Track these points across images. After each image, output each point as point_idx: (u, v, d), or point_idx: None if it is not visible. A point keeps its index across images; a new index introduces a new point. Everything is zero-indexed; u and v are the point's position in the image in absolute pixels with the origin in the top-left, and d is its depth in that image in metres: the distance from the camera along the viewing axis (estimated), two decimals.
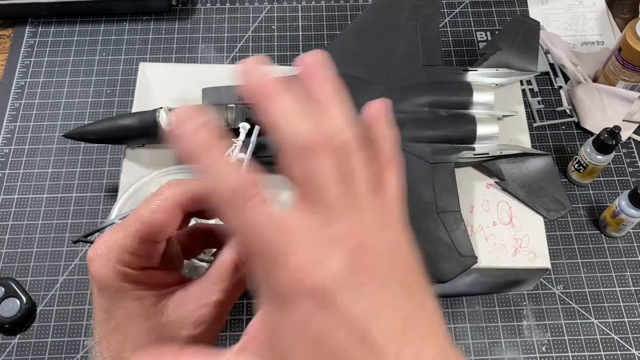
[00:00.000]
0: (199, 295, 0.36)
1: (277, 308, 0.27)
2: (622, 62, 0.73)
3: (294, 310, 0.26)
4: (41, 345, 0.63)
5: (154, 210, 0.34)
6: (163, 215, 0.34)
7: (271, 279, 0.27)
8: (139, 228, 0.34)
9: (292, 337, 0.27)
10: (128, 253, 0.35)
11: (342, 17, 0.86)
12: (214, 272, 0.37)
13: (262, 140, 0.59)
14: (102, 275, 0.35)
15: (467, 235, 0.58)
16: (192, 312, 0.36)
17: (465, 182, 0.62)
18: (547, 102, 0.78)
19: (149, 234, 0.35)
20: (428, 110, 0.62)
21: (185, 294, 0.36)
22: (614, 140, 0.66)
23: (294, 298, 0.26)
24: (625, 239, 0.69)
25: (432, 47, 0.66)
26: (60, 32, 0.84)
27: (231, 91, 0.61)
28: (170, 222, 0.35)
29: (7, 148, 0.75)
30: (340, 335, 0.25)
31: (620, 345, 0.63)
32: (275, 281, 0.26)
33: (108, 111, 0.78)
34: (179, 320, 0.36)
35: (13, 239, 0.69)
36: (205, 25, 0.85)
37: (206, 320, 0.36)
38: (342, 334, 0.25)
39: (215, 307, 0.36)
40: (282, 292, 0.26)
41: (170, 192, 0.35)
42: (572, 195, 0.72)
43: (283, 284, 0.26)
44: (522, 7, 0.86)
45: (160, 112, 0.58)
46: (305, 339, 0.26)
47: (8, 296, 0.64)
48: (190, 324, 0.36)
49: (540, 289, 0.66)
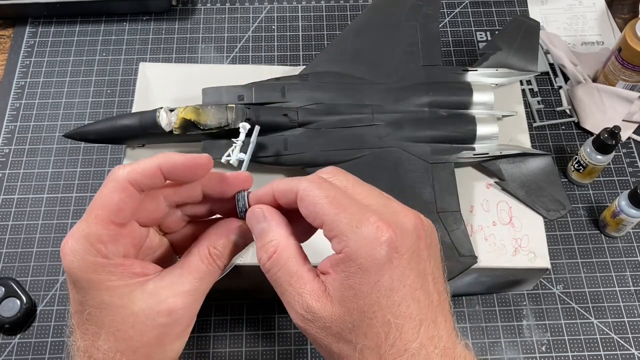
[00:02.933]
0: (172, 284, 0.37)
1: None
2: (622, 62, 0.73)
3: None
4: (41, 345, 0.63)
5: (109, 191, 0.36)
6: (118, 194, 0.36)
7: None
8: (98, 213, 0.36)
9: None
10: (96, 241, 0.35)
11: (342, 17, 0.86)
12: (188, 261, 0.38)
13: (262, 140, 0.59)
14: (73, 267, 0.36)
15: (467, 235, 0.58)
16: (164, 300, 0.37)
17: (465, 182, 0.62)
18: (547, 102, 0.78)
19: (109, 216, 0.36)
20: (428, 110, 0.62)
21: (159, 283, 0.37)
22: (614, 140, 0.66)
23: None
24: (625, 239, 0.69)
25: (432, 47, 0.66)
26: (60, 32, 0.84)
27: (231, 91, 0.61)
28: (127, 201, 0.36)
29: (7, 148, 0.75)
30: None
31: (620, 345, 0.63)
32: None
33: (108, 111, 0.78)
34: (153, 309, 0.36)
35: (13, 239, 0.69)
36: (205, 25, 0.85)
37: (180, 308, 0.37)
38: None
39: (188, 296, 0.37)
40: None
41: (121, 172, 0.36)
42: (572, 195, 0.72)
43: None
44: (522, 7, 0.86)
45: (160, 112, 0.58)
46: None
47: (8, 296, 0.64)
48: (164, 312, 0.36)
49: (540, 289, 0.66)
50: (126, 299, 0.36)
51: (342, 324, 0.34)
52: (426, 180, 0.59)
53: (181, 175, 0.37)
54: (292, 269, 0.36)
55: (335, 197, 0.35)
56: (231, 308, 0.65)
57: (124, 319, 0.36)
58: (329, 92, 0.62)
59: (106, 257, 0.36)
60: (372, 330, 0.34)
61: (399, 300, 0.34)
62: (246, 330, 0.64)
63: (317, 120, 0.60)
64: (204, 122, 0.58)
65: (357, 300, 0.33)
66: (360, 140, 0.59)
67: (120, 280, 0.36)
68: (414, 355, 0.33)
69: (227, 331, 0.64)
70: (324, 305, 0.34)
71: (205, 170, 0.38)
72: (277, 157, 0.59)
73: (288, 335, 0.63)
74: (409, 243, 0.34)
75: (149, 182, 0.36)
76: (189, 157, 0.37)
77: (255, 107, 0.60)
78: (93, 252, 0.35)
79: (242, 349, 0.63)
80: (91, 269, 0.35)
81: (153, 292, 0.37)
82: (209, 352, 0.63)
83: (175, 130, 0.58)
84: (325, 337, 0.35)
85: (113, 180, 0.36)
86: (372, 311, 0.33)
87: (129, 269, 0.36)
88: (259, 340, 0.63)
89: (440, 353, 0.34)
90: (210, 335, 0.64)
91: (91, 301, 0.36)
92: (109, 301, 0.36)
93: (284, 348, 0.63)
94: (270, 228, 0.37)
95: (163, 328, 0.37)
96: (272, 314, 0.64)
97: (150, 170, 0.36)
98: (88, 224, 0.36)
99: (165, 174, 0.36)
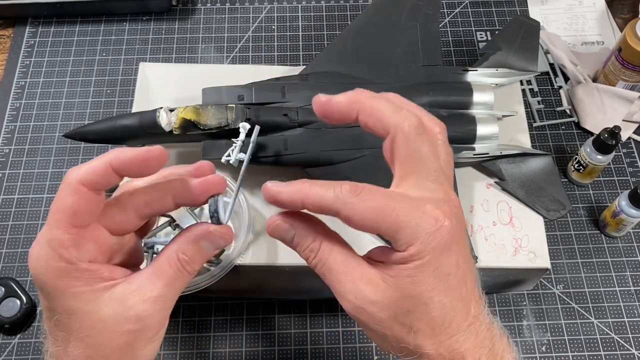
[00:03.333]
0: (140, 289, 0.36)
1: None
2: (622, 62, 0.73)
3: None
4: (41, 345, 0.63)
5: (64, 195, 0.35)
6: (71, 197, 0.35)
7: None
8: (57, 217, 0.35)
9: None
10: (58, 246, 0.35)
11: (342, 17, 0.86)
12: (157, 266, 0.38)
13: (262, 140, 0.59)
14: (38, 274, 0.35)
15: (467, 235, 0.58)
16: (132, 307, 0.36)
17: (465, 182, 0.62)
18: (547, 102, 0.78)
19: (67, 219, 0.35)
20: (428, 110, 0.62)
21: (127, 288, 0.36)
22: (614, 140, 0.66)
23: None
24: (625, 239, 0.69)
25: (432, 47, 0.66)
26: (60, 32, 0.84)
27: (231, 91, 0.61)
28: (81, 203, 0.35)
29: (7, 148, 0.75)
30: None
31: (620, 345, 0.63)
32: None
33: (108, 111, 0.78)
34: (120, 315, 0.36)
35: (13, 239, 0.69)
36: (205, 25, 0.85)
37: (148, 314, 0.36)
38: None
39: (156, 302, 0.36)
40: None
41: (73, 174, 0.35)
42: (572, 195, 0.72)
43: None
44: (522, 7, 0.86)
45: (160, 112, 0.58)
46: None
47: (8, 296, 0.64)
48: (132, 319, 0.36)
49: (540, 289, 0.66)
50: (93, 304, 0.35)
51: (397, 309, 0.35)
52: None
53: (133, 170, 0.36)
54: (338, 260, 0.36)
55: (385, 203, 0.35)
56: (231, 308, 0.65)
57: (91, 325, 0.35)
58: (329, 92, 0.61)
59: (70, 262, 0.35)
60: (428, 314, 0.35)
61: (454, 284, 0.35)
62: (246, 330, 0.64)
63: (318, 120, 0.60)
64: (204, 122, 0.58)
65: (415, 287, 0.34)
66: (361, 140, 0.59)
67: (86, 286, 0.35)
68: (465, 332, 0.35)
69: (227, 331, 0.64)
70: (377, 290, 0.35)
71: (159, 163, 0.36)
72: (277, 157, 0.59)
73: (288, 335, 0.63)
74: (461, 228, 0.36)
75: (101, 181, 0.35)
76: (138, 151, 0.36)
77: (255, 107, 0.60)
78: (56, 258, 0.35)
79: (242, 349, 0.63)
80: (55, 275, 0.35)
81: (121, 297, 0.36)
82: (209, 352, 0.63)
83: (175, 130, 0.58)
84: (379, 322, 0.35)
85: (66, 182, 0.35)
86: (429, 297, 0.34)
87: (95, 274, 0.36)
88: (259, 340, 0.63)
89: (485, 329, 0.36)
90: (210, 335, 0.64)
91: (59, 307, 0.35)
92: (76, 307, 0.35)
93: (284, 348, 0.63)
94: (302, 234, 0.37)
95: (132, 334, 0.36)
96: (272, 314, 0.64)
97: (100, 168, 0.35)
98: (50, 228, 0.35)
99: (116, 170, 0.35)
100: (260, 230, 0.59)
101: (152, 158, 0.36)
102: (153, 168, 0.37)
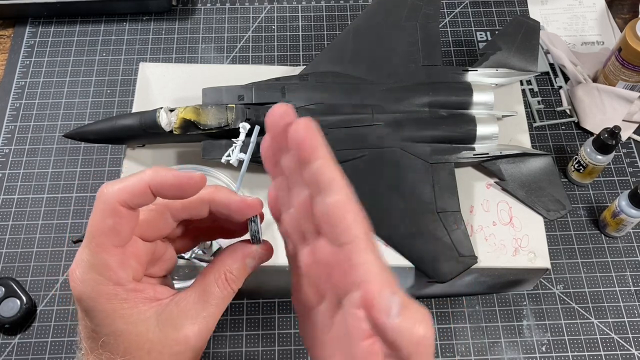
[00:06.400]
0: (188, 311, 0.36)
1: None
2: (622, 62, 0.73)
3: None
4: (41, 345, 0.63)
5: (102, 216, 0.34)
6: (112, 219, 0.34)
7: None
8: (98, 241, 0.34)
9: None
10: (105, 270, 0.34)
11: (342, 17, 0.86)
12: (204, 286, 0.38)
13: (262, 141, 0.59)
14: (85, 298, 0.35)
15: (467, 235, 0.58)
16: (181, 328, 0.36)
17: (465, 182, 0.62)
18: (547, 102, 0.78)
19: (110, 241, 0.34)
20: (428, 110, 0.62)
21: (174, 309, 0.36)
22: (614, 140, 0.66)
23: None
24: (625, 239, 0.69)
25: (432, 47, 0.66)
26: (60, 32, 0.84)
27: (231, 91, 0.61)
28: (122, 223, 0.34)
29: (7, 148, 0.75)
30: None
31: (620, 345, 0.63)
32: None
33: (108, 111, 0.78)
34: (168, 337, 0.36)
35: (13, 239, 0.69)
36: (205, 25, 0.85)
37: (196, 335, 0.36)
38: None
39: (204, 323, 0.37)
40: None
41: (110, 193, 0.34)
42: (572, 195, 0.72)
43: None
44: (522, 7, 0.87)
45: (160, 112, 0.58)
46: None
47: (8, 296, 0.64)
48: (181, 340, 0.36)
49: (540, 289, 0.66)
50: (141, 326, 0.35)
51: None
52: (426, 181, 0.59)
53: (170, 194, 0.36)
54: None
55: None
56: (231, 308, 0.65)
57: (139, 345, 0.35)
58: (329, 92, 0.62)
59: (118, 283, 0.35)
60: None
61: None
62: (246, 330, 0.64)
63: (317, 120, 0.60)
64: (204, 122, 0.58)
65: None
66: (361, 141, 0.59)
67: (134, 308, 0.35)
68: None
69: (227, 331, 0.64)
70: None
71: (196, 189, 0.36)
72: None
73: (288, 335, 0.63)
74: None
75: (139, 201, 0.35)
76: (180, 177, 0.35)
77: (255, 107, 0.60)
78: (104, 282, 0.34)
79: (242, 349, 0.63)
80: (105, 299, 0.34)
81: (169, 318, 0.36)
82: (209, 352, 0.63)
83: (175, 130, 0.58)
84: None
85: (102, 202, 0.34)
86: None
87: (141, 294, 0.36)
88: (259, 340, 0.63)
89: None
90: (211, 335, 0.64)
91: (105, 329, 0.35)
92: (124, 329, 0.35)
93: (284, 348, 0.63)
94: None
95: (179, 355, 0.36)
96: (272, 314, 0.64)
97: (139, 188, 0.35)
98: (92, 252, 0.34)
99: (154, 191, 0.35)
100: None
101: (194, 184, 0.36)
102: (190, 194, 0.36)
